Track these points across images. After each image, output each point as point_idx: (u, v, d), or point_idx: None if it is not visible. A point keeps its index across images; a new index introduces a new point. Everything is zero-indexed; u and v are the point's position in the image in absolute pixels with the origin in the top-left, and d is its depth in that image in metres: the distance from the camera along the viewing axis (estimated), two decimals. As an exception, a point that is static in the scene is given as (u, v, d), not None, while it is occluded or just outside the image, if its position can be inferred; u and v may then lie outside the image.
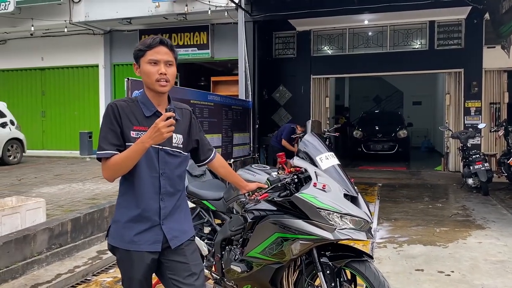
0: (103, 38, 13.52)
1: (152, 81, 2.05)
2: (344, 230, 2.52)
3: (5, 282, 3.92)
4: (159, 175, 2.08)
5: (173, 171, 2.12)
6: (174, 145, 2.13)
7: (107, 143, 2.00)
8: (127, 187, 2.10)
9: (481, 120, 10.85)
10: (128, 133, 2.03)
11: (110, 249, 2.18)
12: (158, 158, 2.07)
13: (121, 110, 2.05)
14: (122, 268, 2.16)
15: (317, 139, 2.85)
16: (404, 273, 4.21)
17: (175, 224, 2.14)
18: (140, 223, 2.07)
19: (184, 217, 2.22)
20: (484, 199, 7.89)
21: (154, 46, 2.06)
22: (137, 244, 2.07)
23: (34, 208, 4.63)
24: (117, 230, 2.11)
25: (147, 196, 2.07)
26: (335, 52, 12.35)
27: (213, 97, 8.55)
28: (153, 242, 2.09)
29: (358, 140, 14.36)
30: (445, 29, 11.46)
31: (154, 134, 1.89)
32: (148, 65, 2.05)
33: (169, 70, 2.08)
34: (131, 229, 2.07)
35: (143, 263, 2.09)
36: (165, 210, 2.10)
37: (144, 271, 2.11)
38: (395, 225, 6.11)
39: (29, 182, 8.13)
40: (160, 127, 1.87)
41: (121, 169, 1.99)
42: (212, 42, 12.46)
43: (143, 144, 1.92)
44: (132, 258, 2.08)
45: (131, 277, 2.11)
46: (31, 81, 14.54)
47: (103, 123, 2.05)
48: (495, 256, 4.73)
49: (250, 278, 2.89)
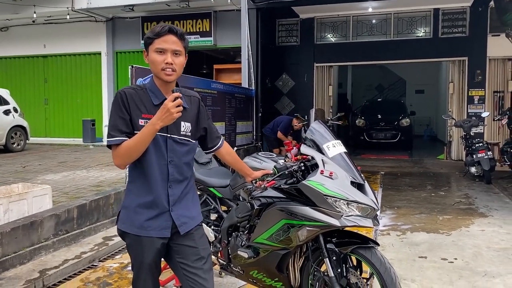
0: (105, 25, 13.47)
1: (158, 70, 2.05)
2: (351, 217, 2.54)
3: (13, 267, 3.97)
4: (167, 163, 2.09)
5: (181, 159, 2.13)
6: (182, 133, 2.13)
7: (116, 131, 2.00)
8: (137, 174, 2.11)
9: (485, 109, 10.83)
10: (136, 121, 2.03)
11: (120, 234, 2.20)
12: (166, 146, 2.08)
13: (130, 97, 2.05)
14: (132, 253, 2.19)
15: (324, 126, 2.86)
16: (408, 260, 4.25)
17: (184, 210, 2.16)
18: (150, 209, 2.10)
19: (192, 203, 2.24)
20: (486, 188, 7.91)
21: (163, 35, 2.04)
22: (147, 229, 2.09)
23: (40, 194, 4.67)
24: (127, 215, 2.14)
25: (156, 183, 2.08)
26: (338, 40, 12.29)
27: (216, 85, 8.54)
28: (162, 228, 2.11)
29: (361, 129, 14.36)
30: (450, 17, 11.37)
31: (164, 115, 1.91)
32: (155, 53, 2.05)
33: (176, 59, 2.06)
34: (141, 215, 2.10)
35: (153, 248, 2.11)
36: (173, 197, 2.12)
37: (154, 255, 2.14)
38: (398, 213, 6.14)
39: (33, 169, 8.17)
40: (169, 107, 1.90)
41: (132, 154, 2.00)
42: (215, 30, 12.41)
43: (154, 126, 1.93)
44: (142, 243, 2.11)
45: (141, 261, 2.14)
46: (33, 68, 14.54)
47: (112, 111, 2.06)
48: (498, 243, 4.76)
49: (257, 264, 2.92)
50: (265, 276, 2.94)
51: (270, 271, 2.87)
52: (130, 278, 3.90)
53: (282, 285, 2.89)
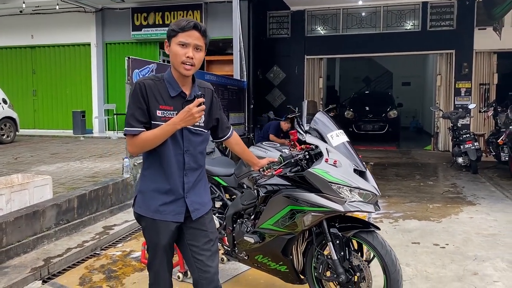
0: (95, 16, 13.36)
1: (178, 63, 2.13)
2: (354, 202, 2.68)
3: (18, 256, 4.03)
4: (183, 152, 2.19)
5: (196, 148, 2.24)
6: (196, 124, 2.21)
7: (135, 120, 2.10)
8: (152, 161, 2.21)
9: (471, 101, 11.09)
10: (154, 111, 2.12)
11: (136, 218, 2.32)
12: (182, 137, 2.18)
13: (148, 89, 2.13)
14: (148, 235, 2.30)
15: (327, 117, 2.98)
16: (401, 246, 4.42)
17: (196, 197, 2.27)
18: (166, 195, 2.20)
19: (204, 190, 2.35)
20: (473, 177, 8.16)
21: (187, 29, 2.11)
22: (162, 214, 2.20)
23: (41, 185, 4.71)
24: (143, 200, 2.24)
25: (172, 172, 2.18)
26: (328, 33, 12.41)
27: (210, 77, 8.60)
28: (177, 213, 2.22)
29: (349, 120, 14.54)
30: (438, 10, 11.58)
31: (187, 118, 2.03)
32: (178, 46, 2.12)
33: (196, 54, 2.14)
34: (157, 200, 2.20)
35: (167, 231, 2.23)
36: (188, 184, 2.22)
37: (169, 238, 2.25)
38: (389, 201, 6.33)
39: (26, 161, 8.15)
40: (193, 112, 2.02)
41: (148, 145, 2.12)
42: (205, 21, 12.39)
43: (175, 126, 2.06)
44: (157, 226, 2.22)
45: (157, 243, 2.25)
46: (21, 59, 14.36)
47: (130, 101, 2.14)
48: (486, 230, 4.97)
49: (262, 249, 3.04)
50: (270, 260, 3.07)
51: (275, 256, 3.00)
52: (134, 265, 4.01)
53: (286, 269, 3.02)
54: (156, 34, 12.65)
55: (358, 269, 2.80)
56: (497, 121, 9.01)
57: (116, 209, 5.60)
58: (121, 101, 13.35)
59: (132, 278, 3.71)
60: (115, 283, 3.62)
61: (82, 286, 3.57)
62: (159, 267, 2.31)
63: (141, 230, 5.07)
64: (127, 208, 5.81)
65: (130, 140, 2.12)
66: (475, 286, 3.49)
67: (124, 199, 5.86)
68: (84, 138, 12.19)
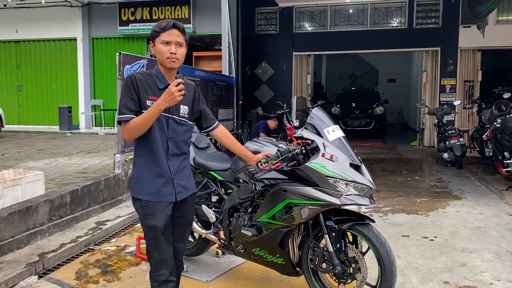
0: (81, 10, 13.19)
1: (164, 59, 2.39)
2: (350, 196, 2.75)
3: (11, 252, 4.01)
4: (167, 139, 2.44)
5: (179, 136, 2.49)
6: (181, 115, 2.49)
7: (127, 109, 2.34)
8: (143, 149, 2.44)
9: (456, 98, 11.30)
10: (144, 102, 2.37)
11: (133, 202, 2.52)
12: (167, 125, 2.43)
13: (139, 81, 2.39)
14: (145, 219, 2.46)
15: (323, 112, 3.05)
16: (391, 238, 4.52)
17: (182, 181, 2.52)
18: (158, 178, 2.44)
19: (189, 176, 2.61)
20: (458, 172, 8.35)
21: (168, 29, 2.37)
22: (157, 196, 2.43)
23: (33, 180, 4.69)
24: (139, 184, 2.46)
25: (159, 156, 2.42)
26: (316, 29, 12.50)
27: (199, 73, 8.61)
28: (169, 194, 2.46)
29: (336, 116, 14.66)
30: (424, 8, 11.75)
31: (168, 97, 2.22)
32: (162, 45, 2.38)
33: (179, 50, 2.40)
34: (151, 183, 2.43)
35: (164, 213, 2.44)
36: (173, 168, 2.47)
37: (165, 219, 2.45)
38: (378, 196, 6.43)
39: (13, 157, 8.06)
40: (173, 91, 2.21)
41: (139, 129, 2.32)
42: (193, 17, 12.37)
43: (159, 107, 2.25)
44: (154, 208, 2.43)
45: (155, 226, 2.42)
46: (5, 53, 14.10)
47: (123, 92, 2.39)
48: (472, 223, 5.11)
49: (259, 242, 3.10)
50: (266, 253, 3.13)
51: (272, 248, 3.06)
52: (129, 259, 4.04)
53: (283, 261, 3.08)
54: (144, 29, 12.56)
55: (354, 261, 2.88)
56: (481, 117, 9.21)
57: (108, 205, 5.60)
58: (108, 96, 13.26)
59: (128, 272, 3.74)
60: (111, 277, 3.64)
61: (79, 280, 3.59)
62: (158, 250, 2.46)
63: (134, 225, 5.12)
64: (119, 204, 5.82)
65: (123, 127, 2.34)
66: (464, 277, 3.61)
67: (116, 194, 5.86)
68: (71, 134, 12.07)
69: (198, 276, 3.64)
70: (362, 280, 2.85)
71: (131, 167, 6.12)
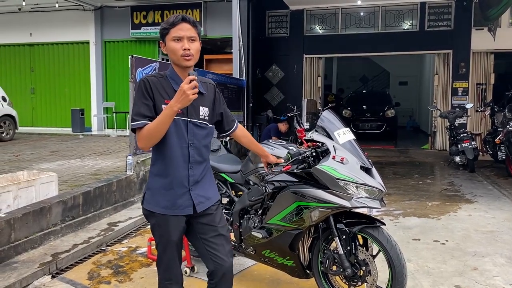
0: (94, 14, 13.36)
1: (178, 57, 2.18)
2: (360, 198, 2.75)
3: (25, 251, 4.08)
4: (188, 145, 2.23)
5: (200, 142, 2.27)
6: (201, 118, 2.27)
7: (140, 115, 2.13)
8: (159, 156, 2.24)
9: (468, 100, 11.20)
10: (160, 106, 2.15)
11: (145, 214, 2.35)
12: (187, 130, 2.22)
13: (153, 85, 2.18)
14: (158, 232, 2.32)
15: (333, 115, 3.06)
16: (402, 242, 4.50)
17: (201, 190, 2.30)
18: (173, 190, 2.24)
19: (209, 184, 2.39)
20: (470, 176, 8.27)
21: (177, 24, 2.16)
22: (172, 209, 2.24)
23: (47, 181, 4.76)
24: (152, 196, 2.28)
25: (178, 165, 2.22)
26: (327, 32, 12.49)
27: (210, 75, 8.67)
28: (185, 206, 2.26)
29: (347, 119, 14.61)
30: (436, 11, 11.68)
31: (181, 97, 2.01)
32: (173, 42, 2.17)
33: (192, 45, 2.18)
34: (166, 196, 2.24)
35: (178, 226, 2.28)
36: (193, 178, 2.27)
37: (179, 233, 2.31)
38: (389, 199, 6.41)
39: (26, 159, 8.18)
40: (185, 89, 2.00)
41: (153, 136, 2.11)
42: (205, 20, 12.46)
43: (172, 108, 2.03)
44: (168, 222, 2.26)
45: (168, 239, 2.29)
46: (19, 57, 14.36)
47: (136, 97, 2.18)
48: (484, 227, 5.07)
49: (270, 244, 3.12)
50: (277, 255, 3.14)
51: (282, 250, 3.07)
52: (141, 260, 4.08)
53: (293, 263, 3.09)
54: (156, 32, 12.67)
55: (364, 263, 2.88)
56: (494, 120, 9.13)
57: (120, 206, 5.66)
58: (120, 99, 13.39)
59: (140, 273, 3.78)
60: (123, 278, 3.68)
61: (91, 281, 3.63)
62: (169, 262, 2.34)
63: (145, 226, 5.16)
64: (131, 205, 5.87)
65: (138, 135, 2.14)
66: (476, 281, 3.58)
67: (128, 196, 5.92)
68: (83, 136, 12.21)
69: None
70: (373, 283, 2.85)
71: (143, 169, 6.20)
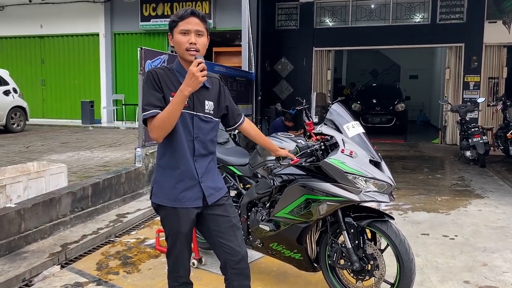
0: (104, 6, 13.39)
1: (183, 50, 2.18)
2: (369, 192, 2.73)
3: (35, 242, 4.12)
4: (193, 139, 2.23)
5: (206, 135, 2.28)
6: (206, 112, 2.27)
7: (150, 105, 2.12)
8: (166, 149, 2.25)
9: (479, 95, 11.06)
10: (168, 98, 2.15)
11: (154, 208, 2.35)
12: (192, 124, 2.22)
13: (160, 76, 2.18)
14: (168, 225, 2.33)
15: (343, 108, 3.03)
16: (411, 236, 4.47)
17: (211, 182, 2.31)
18: (182, 182, 2.24)
19: (218, 176, 2.41)
20: (481, 171, 8.18)
21: (186, 17, 2.18)
22: (181, 201, 2.24)
23: (57, 173, 4.80)
24: (161, 189, 2.28)
25: (185, 158, 2.23)
26: (337, 25, 12.38)
27: (219, 68, 8.66)
28: (195, 199, 2.26)
29: (357, 113, 14.52)
30: (448, 3, 11.51)
31: (191, 80, 2.00)
32: (180, 35, 2.18)
33: (199, 40, 2.19)
34: (175, 188, 2.24)
35: (188, 218, 2.27)
36: (201, 170, 2.27)
37: (189, 225, 2.29)
38: (398, 193, 6.36)
39: (37, 150, 8.26)
40: (194, 71, 1.99)
41: (167, 124, 2.10)
42: (214, 12, 12.42)
43: (183, 93, 2.03)
44: (179, 215, 2.25)
45: (178, 231, 2.29)
46: (30, 49, 14.44)
47: (145, 89, 2.19)
48: (495, 222, 5.02)
49: (277, 237, 3.11)
50: (284, 248, 3.14)
51: (290, 243, 3.07)
52: (149, 252, 4.10)
53: (300, 257, 3.09)
54: (165, 25, 12.54)
55: (372, 258, 2.86)
56: (506, 115, 9.00)
57: (129, 198, 5.69)
58: (130, 91, 13.43)
59: (148, 264, 3.80)
60: (131, 269, 3.70)
61: (100, 271, 3.66)
62: (179, 254, 2.35)
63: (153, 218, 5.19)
64: (139, 197, 5.90)
65: (150, 125, 2.14)
66: (485, 277, 3.55)
67: (136, 188, 5.94)
68: (93, 128, 12.29)
69: (216, 269, 3.66)
70: (380, 277, 2.83)
71: (152, 161, 6.22)
